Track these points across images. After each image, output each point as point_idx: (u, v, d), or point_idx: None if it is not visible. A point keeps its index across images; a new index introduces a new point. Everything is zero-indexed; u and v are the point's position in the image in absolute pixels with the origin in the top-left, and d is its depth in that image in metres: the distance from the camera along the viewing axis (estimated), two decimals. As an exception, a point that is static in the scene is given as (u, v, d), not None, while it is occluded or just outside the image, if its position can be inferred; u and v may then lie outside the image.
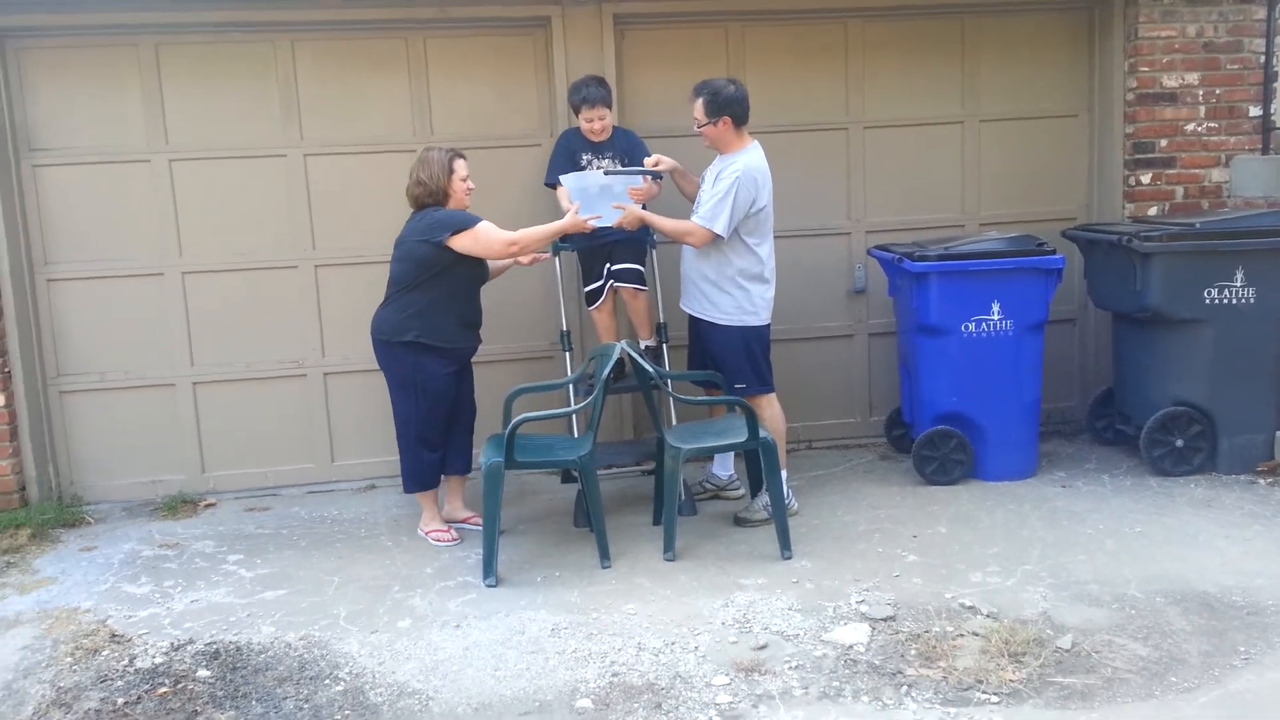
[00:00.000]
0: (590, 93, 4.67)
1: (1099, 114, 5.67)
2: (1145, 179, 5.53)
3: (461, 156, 4.38)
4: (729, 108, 4.35)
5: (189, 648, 3.58)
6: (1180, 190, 5.54)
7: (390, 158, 5.21)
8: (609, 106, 4.74)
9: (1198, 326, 4.77)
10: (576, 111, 4.74)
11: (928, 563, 4.02)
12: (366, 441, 5.34)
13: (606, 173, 4.58)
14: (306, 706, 3.17)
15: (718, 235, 4.29)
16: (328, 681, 3.32)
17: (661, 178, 4.73)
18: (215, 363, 5.21)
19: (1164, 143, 5.51)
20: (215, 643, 3.61)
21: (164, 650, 3.57)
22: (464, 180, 4.35)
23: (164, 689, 3.30)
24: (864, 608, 3.64)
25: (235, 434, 5.25)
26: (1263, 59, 5.50)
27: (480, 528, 4.13)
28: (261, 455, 5.27)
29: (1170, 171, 5.53)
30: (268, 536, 4.65)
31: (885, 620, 3.54)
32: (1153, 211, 5.51)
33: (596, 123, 4.69)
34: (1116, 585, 3.73)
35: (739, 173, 4.27)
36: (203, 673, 3.40)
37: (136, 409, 5.17)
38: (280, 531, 4.71)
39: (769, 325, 4.54)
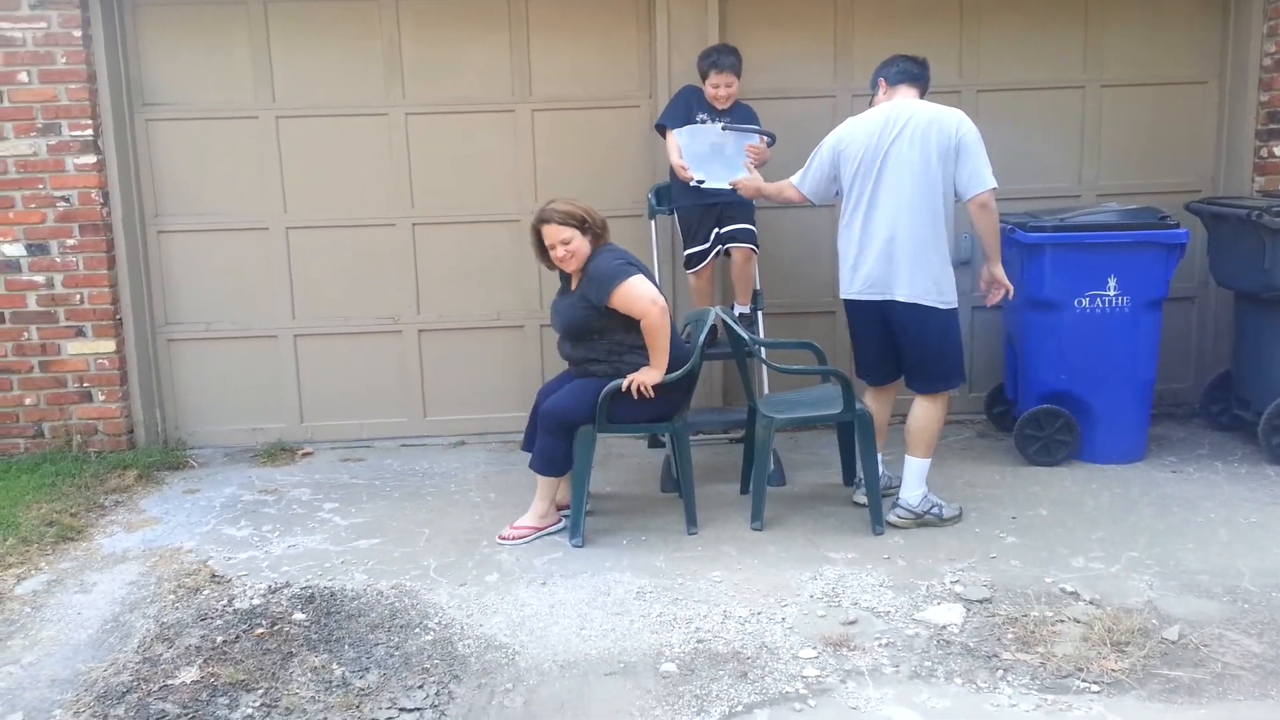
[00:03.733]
0: (722, 59, 4.63)
1: (1231, 80, 5.34)
2: (1279, 150, 5.19)
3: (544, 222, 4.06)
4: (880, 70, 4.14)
5: (285, 591, 3.68)
6: (1317, 164, 5.21)
7: (489, 117, 5.23)
8: (737, 76, 4.66)
9: (1330, 309, 4.49)
10: (704, 76, 4.68)
11: (1027, 545, 3.88)
12: (458, 398, 5.40)
13: (724, 127, 4.52)
14: (397, 654, 3.22)
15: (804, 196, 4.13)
16: (418, 630, 3.37)
17: (774, 140, 4.63)
18: (315, 316, 5.32)
19: (1302, 112, 5.17)
20: (310, 587, 3.70)
21: (261, 592, 3.67)
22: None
23: (261, 629, 3.39)
24: (958, 588, 3.53)
25: (332, 386, 5.36)
26: None
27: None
28: (357, 408, 5.38)
29: (1307, 143, 5.19)
30: (361, 486, 4.74)
31: (981, 602, 3.43)
32: (1285, 185, 5.19)
33: (723, 89, 4.63)
34: (1229, 577, 3.54)
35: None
36: (298, 615, 3.49)
37: (239, 359, 5.32)
38: (374, 482, 4.79)
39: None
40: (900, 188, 3.89)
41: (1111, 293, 4.60)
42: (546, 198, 5.19)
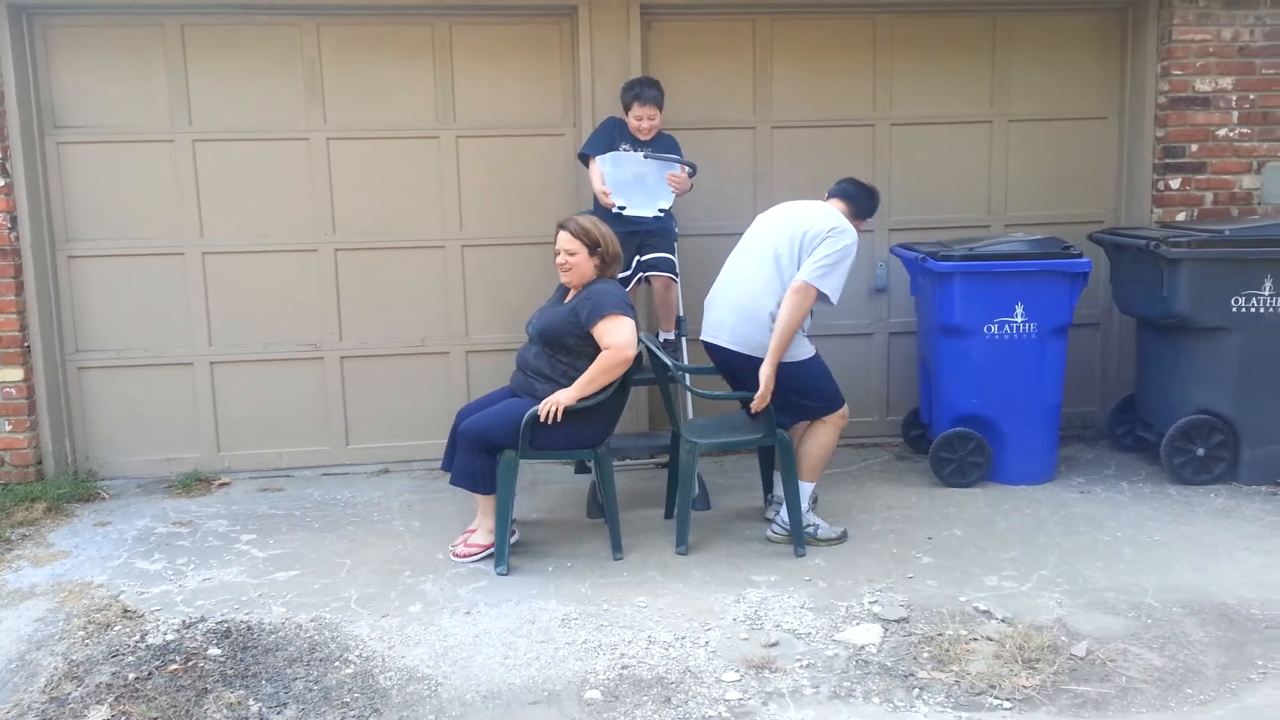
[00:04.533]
0: (645, 92, 4.70)
1: (1129, 117, 5.60)
2: (1175, 184, 5.46)
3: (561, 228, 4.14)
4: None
5: (200, 625, 3.59)
6: (1210, 196, 5.47)
7: (413, 144, 5.23)
8: (659, 109, 4.73)
9: (1224, 335, 4.71)
10: (627, 109, 4.74)
11: (942, 565, 3.99)
12: (382, 426, 5.34)
13: (646, 156, 4.59)
14: (316, 688, 3.17)
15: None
16: (338, 664, 3.32)
17: (695, 170, 4.71)
18: (233, 343, 5.22)
19: (1195, 147, 5.44)
20: (226, 621, 3.62)
21: (175, 627, 3.57)
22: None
23: (175, 665, 3.31)
24: (877, 608, 3.61)
25: (251, 414, 5.26)
26: (1299, 65, 5.42)
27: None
28: (277, 436, 5.28)
29: (1200, 177, 5.46)
30: (281, 517, 4.65)
31: (898, 622, 3.51)
32: (1181, 217, 5.45)
33: (645, 121, 4.70)
34: (1133, 594, 3.69)
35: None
36: (214, 651, 3.41)
37: (153, 387, 5.19)
38: (293, 513, 4.71)
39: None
40: (750, 259, 4.20)
41: (1019, 319, 4.76)
42: (471, 223, 5.28)
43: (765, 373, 4.02)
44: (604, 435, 4.14)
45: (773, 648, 3.36)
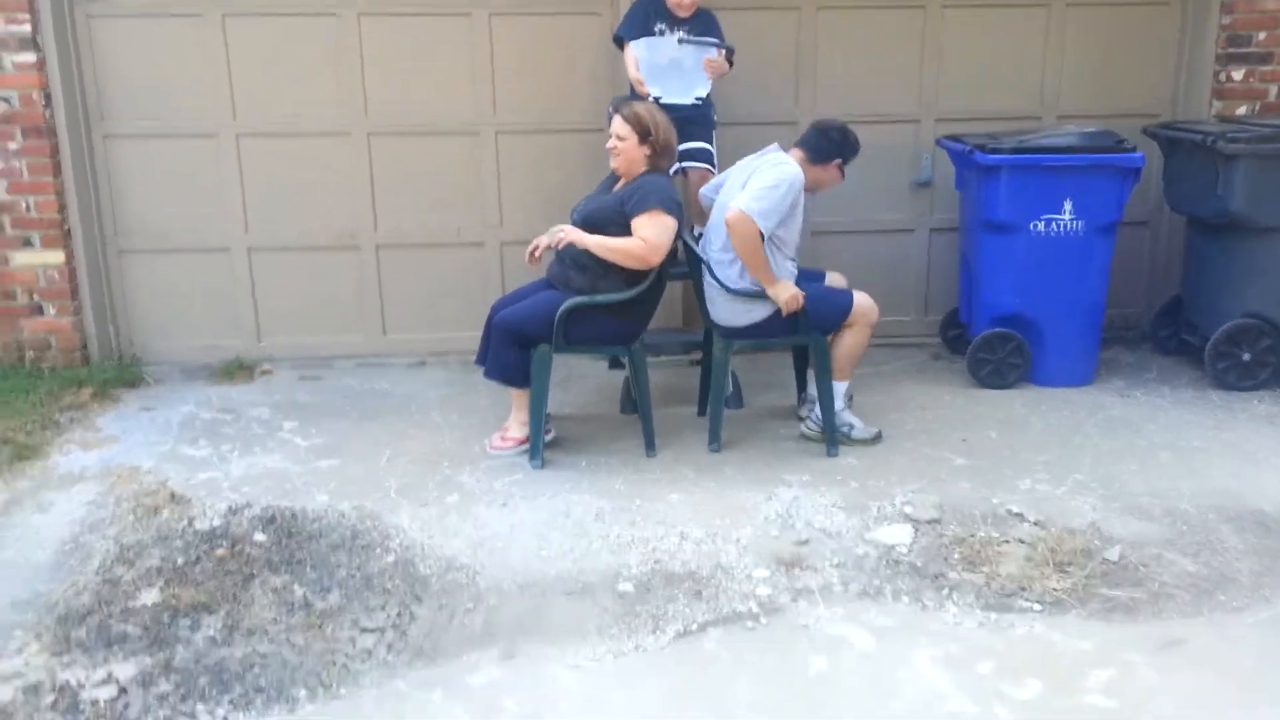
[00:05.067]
0: None
1: (1194, 2, 5.31)
2: (1238, 75, 5.21)
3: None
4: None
5: (246, 511, 3.69)
6: (1275, 89, 5.22)
7: (444, 21, 5.05)
8: None
9: (1278, 237, 4.56)
10: None
11: (976, 466, 3.99)
12: (418, 317, 5.35)
13: (680, 40, 4.43)
14: (359, 575, 3.26)
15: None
16: (379, 551, 3.41)
17: (733, 52, 4.55)
18: (270, 230, 5.21)
19: (1263, 35, 5.16)
20: (271, 508, 3.71)
21: (222, 513, 3.68)
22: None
23: (222, 550, 3.42)
24: (908, 509, 3.63)
25: (289, 303, 5.28)
26: (1382, -53, 5.08)
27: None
28: (315, 325, 5.32)
29: (1266, 68, 5.20)
30: (321, 406, 4.73)
31: (929, 523, 3.53)
32: (1242, 111, 5.22)
33: None
34: (1169, 499, 3.68)
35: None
36: (259, 536, 3.51)
37: (193, 272, 5.21)
38: (333, 402, 4.78)
39: None
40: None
41: (1067, 216, 4.64)
42: (505, 108, 5.17)
43: (774, 294, 3.98)
44: (638, 331, 4.13)
45: (803, 545, 3.40)
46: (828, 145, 4.11)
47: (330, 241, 5.25)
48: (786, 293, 3.99)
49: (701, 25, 4.60)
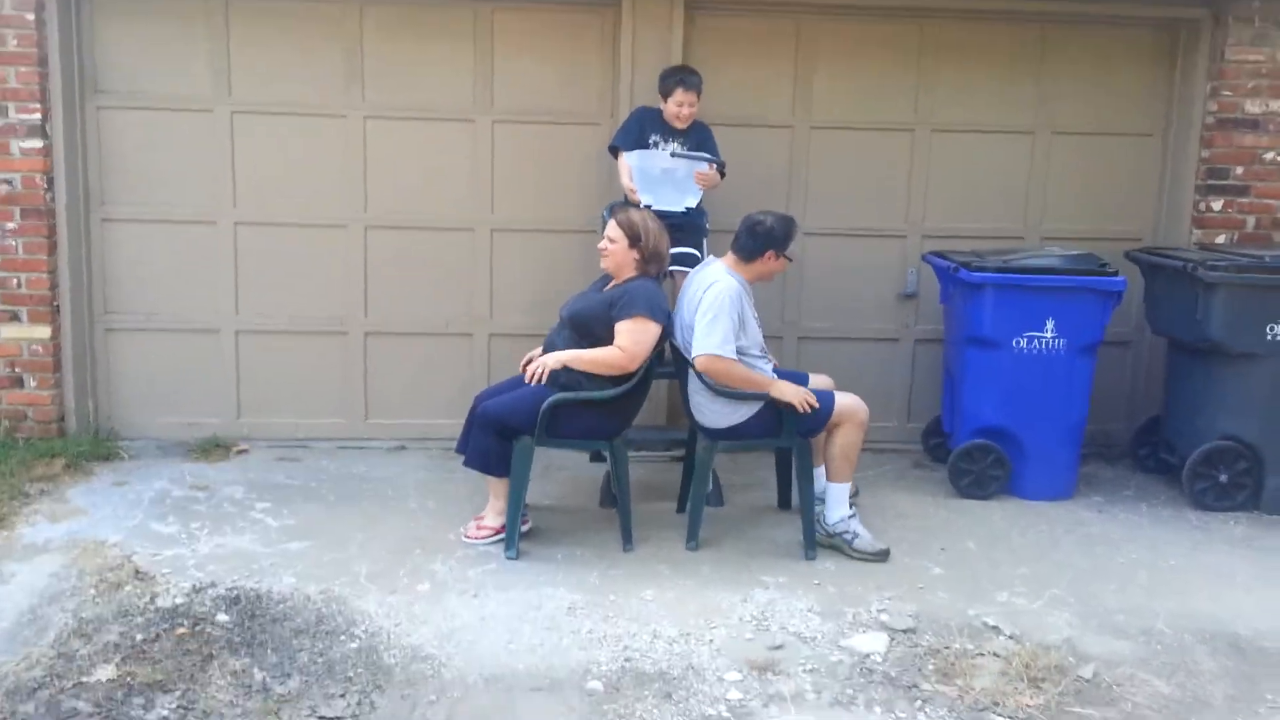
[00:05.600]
0: (689, 77, 4.67)
1: (1175, 135, 5.50)
2: (1216, 205, 5.36)
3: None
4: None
5: (210, 591, 3.62)
6: (1252, 220, 5.37)
7: (449, 126, 5.23)
8: (699, 97, 4.69)
9: (1256, 362, 4.62)
10: (667, 95, 4.68)
11: (954, 577, 3.95)
12: (401, 403, 5.37)
13: (673, 154, 4.56)
14: (321, 660, 3.19)
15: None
16: (344, 638, 3.34)
17: (725, 167, 4.67)
18: (259, 313, 5.26)
19: (1240, 170, 5.34)
20: (236, 588, 3.65)
21: (185, 591, 3.61)
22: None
23: (182, 629, 3.34)
24: (884, 617, 3.58)
25: (273, 384, 5.29)
26: (1351, 91, 5.30)
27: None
28: (297, 407, 5.32)
29: (1243, 200, 5.36)
30: (296, 488, 4.69)
31: (905, 632, 3.48)
32: (1221, 239, 5.35)
33: (686, 108, 4.65)
34: (1145, 618, 3.64)
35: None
36: (222, 617, 3.44)
37: (179, 352, 5.24)
38: (309, 484, 4.75)
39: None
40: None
41: (1049, 335, 4.71)
42: (502, 208, 5.29)
43: (779, 394, 4.01)
44: (622, 427, 4.14)
45: (777, 650, 3.34)
46: (754, 243, 4.15)
47: (319, 327, 5.30)
48: (790, 390, 4.02)
49: (697, 138, 4.74)
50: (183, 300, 5.21)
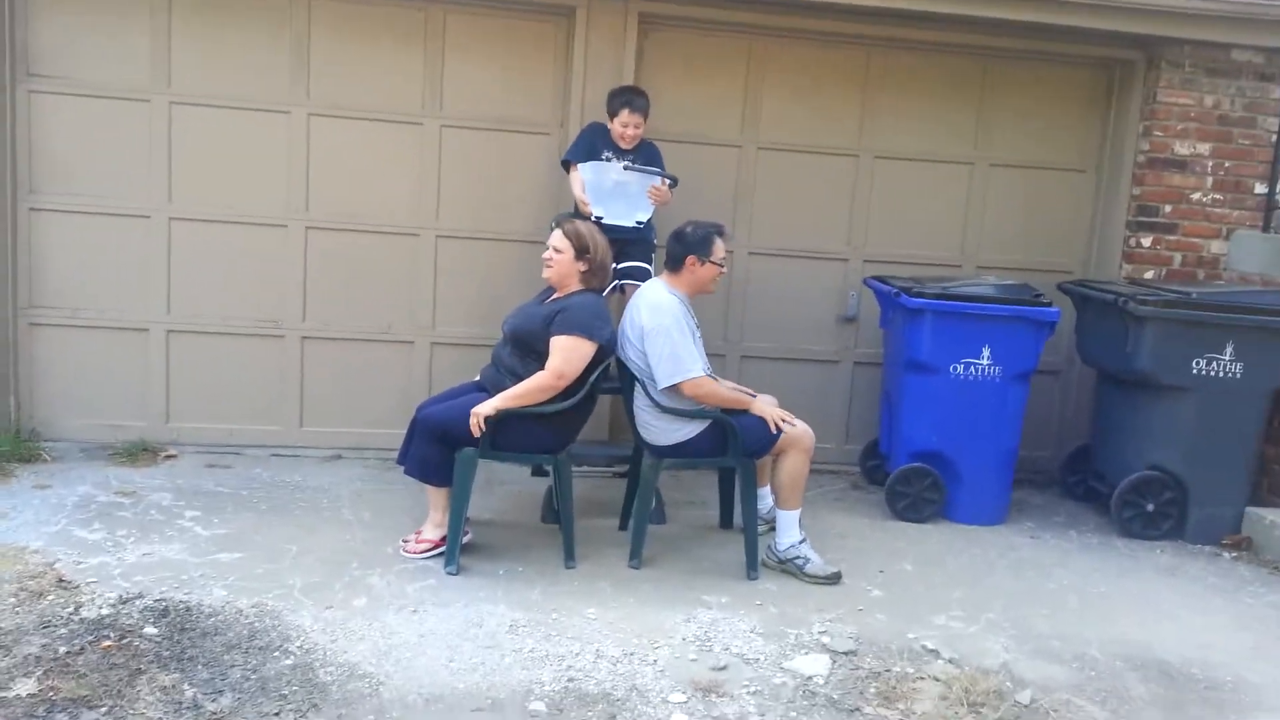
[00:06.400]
0: (635, 100, 4.67)
1: (1108, 172, 5.69)
2: (1146, 242, 5.55)
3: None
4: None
5: (137, 602, 3.49)
6: (1179, 257, 5.57)
7: (396, 128, 5.15)
8: (645, 118, 4.70)
9: (1182, 394, 4.79)
10: (614, 115, 4.68)
11: (892, 599, 4.00)
12: (338, 410, 5.25)
13: (625, 167, 4.56)
14: (254, 677, 3.09)
15: None
16: (277, 654, 3.24)
17: (676, 183, 4.69)
18: (192, 313, 5.09)
19: (1168, 208, 5.53)
20: (165, 600, 3.52)
21: (111, 602, 3.47)
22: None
23: (108, 642, 3.21)
24: (826, 639, 3.61)
25: (204, 387, 5.13)
26: (1274, 137, 5.53)
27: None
28: (229, 412, 5.16)
29: (1171, 238, 5.56)
30: (227, 496, 4.55)
31: (846, 654, 3.51)
32: (1149, 275, 5.53)
33: (631, 129, 4.65)
34: (1077, 644, 3.72)
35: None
36: (150, 630, 3.31)
37: (106, 350, 5.04)
38: (240, 492, 4.61)
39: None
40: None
41: (985, 362, 4.81)
42: (448, 214, 5.22)
43: (759, 411, 4.07)
44: (567, 441, 4.10)
45: (721, 671, 3.34)
46: (676, 249, 4.16)
47: (254, 329, 5.15)
48: (771, 410, 4.08)
49: (645, 157, 4.75)
50: (112, 296, 5.02)
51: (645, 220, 4.66)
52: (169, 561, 3.84)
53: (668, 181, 4.65)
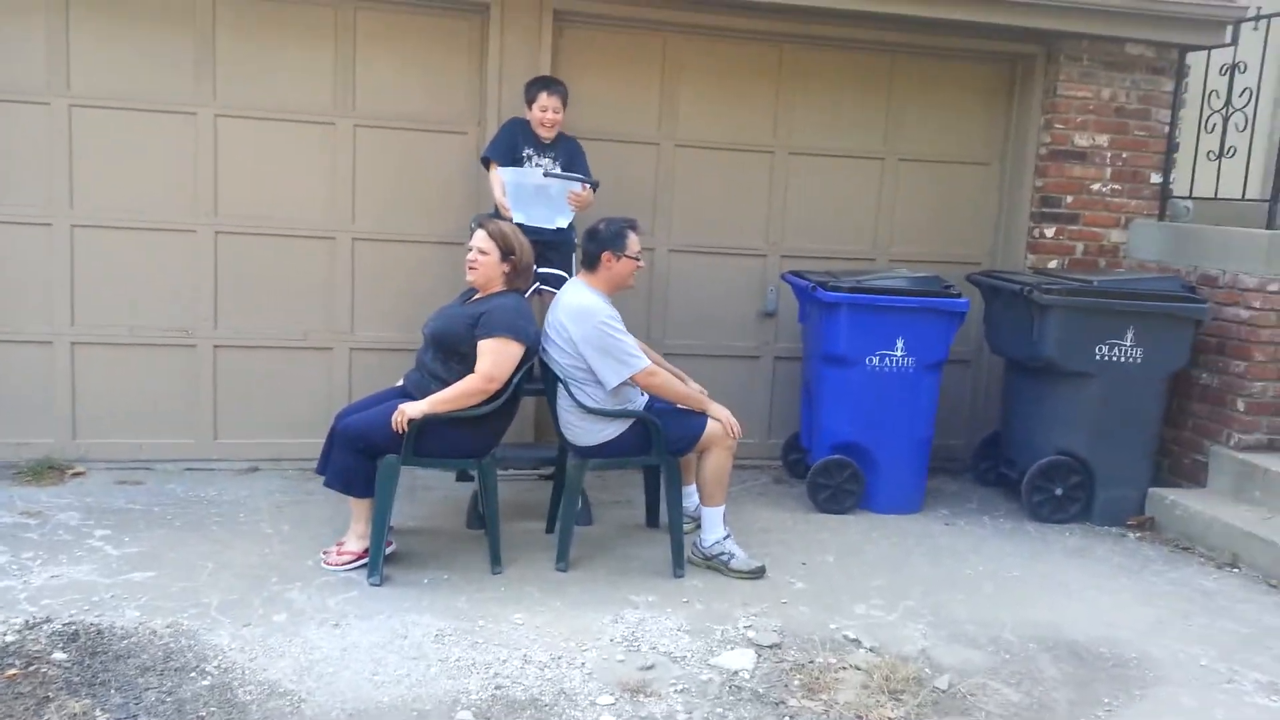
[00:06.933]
0: (552, 84, 4.65)
1: (1011, 165, 5.85)
2: (1049, 232, 5.73)
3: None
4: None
5: (45, 627, 3.37)
6: (1081, 247, 5.76)
7: (307, 128, 5.05)
8: (564, 104, 4.67)
9: (1086, 380, 4.96)
10: (532, 101, 4.64)
11: (814, 591, 4.07)
12: (254, 421, 5.13)
13: (546, 173, 4.52)
14: (169, 700, 3.02)
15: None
16: (194, 675, 3.16)
17: (597, 186, 4.66)
18: (98, 323, 4.93)
19: (1070, 199, 5.72)
20: (74, 623, 3.41)
21: (17, 628, 3.35)
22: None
23: (14, 670, 3.10)
24: (751, 633, 3.66)
25: (112, 401, 4.97)
26: (1167, 129, 5.75)
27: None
28: (139, 426, 5.01)
29: (1073, 228, 5.74)
30: (139, 513, 4.42)
31: (771, 648, 3.56)
32: (1053, 264, 5.72)
33: (550, 114, 4.62)
34: (992, 628, 3.84)
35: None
36: (58, 655, 3.21)
37: (7, 365, 4.86)
38: (153, 508, 4.48)
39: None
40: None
41: (899, 353, 4.92)
42: (364, 216, 5.14)
43: (716, 414, 4.13)
44: (490, 445, 4.08)
45: (648, 670, 3.36)
46: (590, 246, 4.18)
47: (164, 339, 5.01)
48: (725, 413, 4.16)
49: (566, 151, 4.73)
50: (12, 308, 4.84)
51: (565, 225, 4.64)
52: (78, 583, 3.72)
53: (589, 186, 4.64)
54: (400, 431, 3.81)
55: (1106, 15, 5.36)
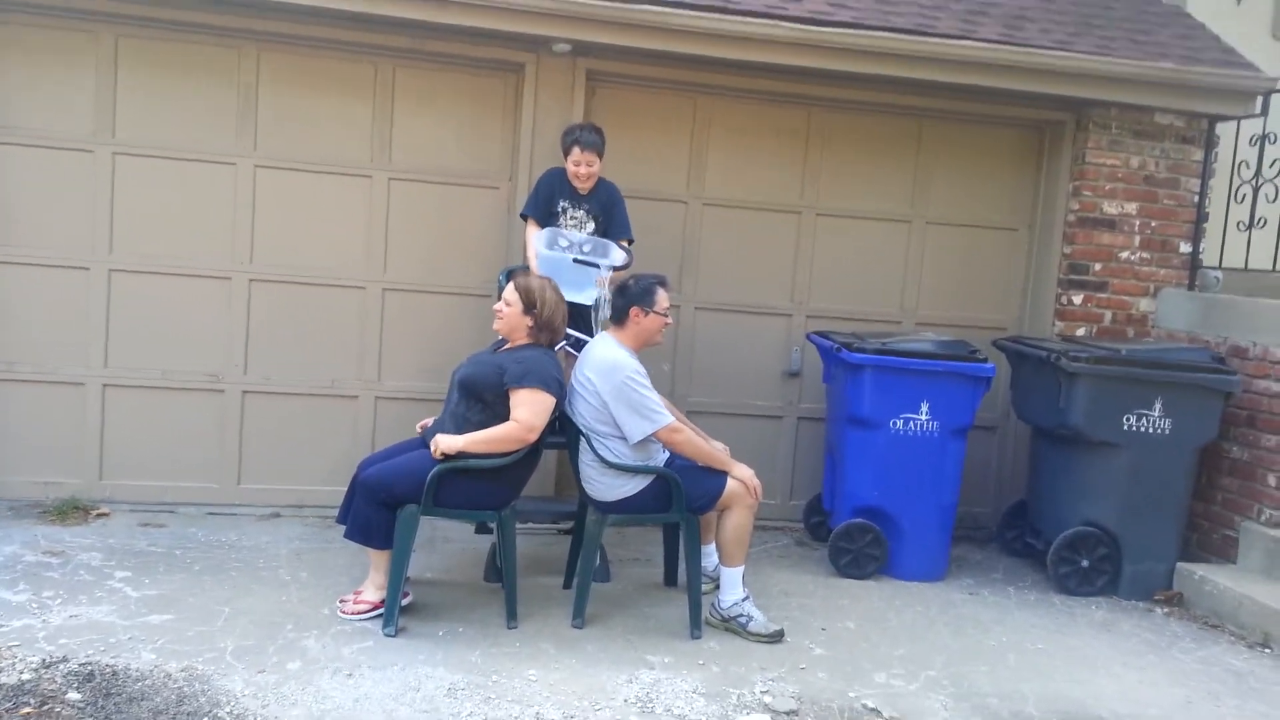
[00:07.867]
0: (585, 136, 4.60)
1: (1040, 231, 5.86)
2: (1077, 300, 5.70)
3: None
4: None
5: (61, 666, 3.38)
6: (1109, 315, 5.73)
7: (344, 180, 5.16)
8: (600, 156, 4.65)
9: (1114, 450, 4.90)
10: (566, 153, 4.64)
11: (834, 657, 4.01)
12: (278, 467, 5.16)
13: (575, 259, 4.51)
14: (180, 746, 3.01)
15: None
16: (206, 719, 3.16)
17: (630, 264, 4.65)
18: (130, 366, 5.01)
19: (1098, 266, 5.70)
20: (91, 664, 3.41)
21: (34, 666, 3.36)
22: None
23: (28, 709, 3.10)
24: (768, 698, 3.60)
25: (140, 443, 5.03)
26: (1196, 198, 5.75)
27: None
28: (164, 469, 5.05)
29: (1101, 295, 5.72)
30: (160, 555, 4.44)
31: (788, 714, 3.50)
32: (1081, 332, 5.68)
33: (584, 168, 4.61)
34: (1015, 701, 3.76)
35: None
36: (73, 695, 3.21)
37: (40, 404, 4.93)
38: (174, 551, 4.50)
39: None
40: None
41: (924, 417, 4.88)
42: (396, 267, 5.21)
43: (739, 475, 4.09)
44: (511, 497, 4.08)
45: (662, 733, 3.32)
46: (619, 302, 4.19)
47: (194, 383, 5.07)
48: (747, 472, 4.12)
49: (602, 203, 4.72)
50: (47, 349, 4.93)
51: (589, 302, 4.57)
52: (96, 624, 3.73)
53: (616, 268, 4.56)
54: (438, 457, 3.83)
55: (1135, 84, 5.40)
